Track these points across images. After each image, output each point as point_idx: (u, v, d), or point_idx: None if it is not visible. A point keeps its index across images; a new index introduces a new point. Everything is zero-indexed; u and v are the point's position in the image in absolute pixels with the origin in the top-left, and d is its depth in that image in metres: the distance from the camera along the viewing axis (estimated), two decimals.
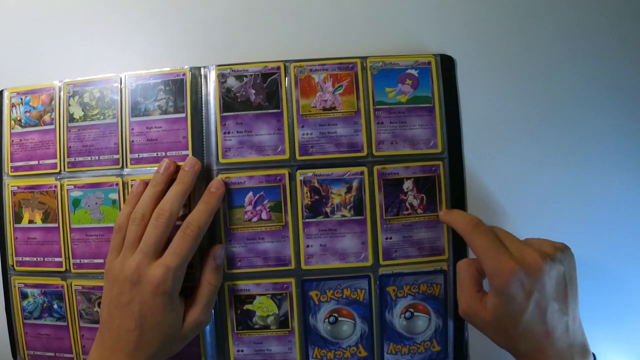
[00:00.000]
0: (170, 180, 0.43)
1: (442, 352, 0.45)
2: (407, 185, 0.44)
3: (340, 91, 0.45)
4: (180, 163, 0.43)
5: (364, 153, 0.44)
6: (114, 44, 0.47)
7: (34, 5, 0.48)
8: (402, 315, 0.45)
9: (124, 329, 0.39)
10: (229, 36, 0.46)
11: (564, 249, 0.39)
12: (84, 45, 0.47)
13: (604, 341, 0.47)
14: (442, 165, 0.45)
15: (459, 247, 0.45)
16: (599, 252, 0.47)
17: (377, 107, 0.45)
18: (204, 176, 0.44)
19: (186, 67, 0.45)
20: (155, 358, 0.40)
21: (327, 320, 0.45)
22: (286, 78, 0.45)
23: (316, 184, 0.44)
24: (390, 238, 0.44)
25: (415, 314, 0.45)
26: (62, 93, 0.46)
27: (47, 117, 0.46)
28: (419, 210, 0.45)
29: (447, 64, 0.46)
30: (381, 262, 0.44)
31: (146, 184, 0.43)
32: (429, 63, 0.45)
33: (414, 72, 0.45)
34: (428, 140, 0.45)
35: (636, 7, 0.47)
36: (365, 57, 0.45)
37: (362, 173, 0.44)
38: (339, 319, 0.45)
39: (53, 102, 0.46)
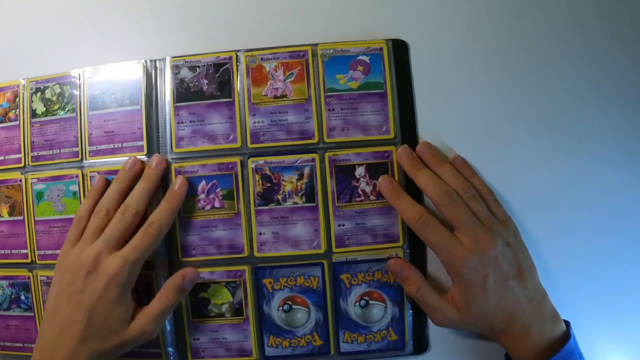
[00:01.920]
0: (136, 177, 0.43)
1: (399, 342, 0.45)
2: (359, 171, 0.44)
3: (291, 79, 0.45)
4: (138, 154, 0.44)
5: (315, 140, 0.44)
6: (73, 39, 0.48)
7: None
8: (357, 304, 0.44)
9: (70, 320, 0.39)
10: (183, 28, 0.47)
11: (509, 225, 0.43)
12: (45, 41, 0.48)
13: (604, 341, 0.46)
14: (395, 150, 0.44)
15: (414, 233, 0.44)
16: (599, 252, 0.46)
17: (328, 94, 0.45)
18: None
19: (141, 60, 0.46)
20: (97, 355, 0.39)
21: (281, 308, 0.44)
22: (238, 67, 0.45)
23: (267, 172, 0.44)
24: (343, 225, 0.44)
25: (371, 302, 0.44)
26: (25, 90, 0.48)
27: (11, 114, 0.48)
28: (372, 197, 0.44)
29: (400, 49, 0.45)
30: (334, 249, 0.44)
31: (106, 179, 0.44)
32: (381, 49, 0.45)
33: (366, 59, 0.45)
34: (380, 126, 0.44)
35: (634, 5, 0.46)
36: (316, 45, 0.45)
37: (313, 160, 0.44)
38: (293, 307, 0.44)
39: (17, 99, 0.48)
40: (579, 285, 0.46)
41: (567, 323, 0.42)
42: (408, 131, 0.45)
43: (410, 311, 0.45)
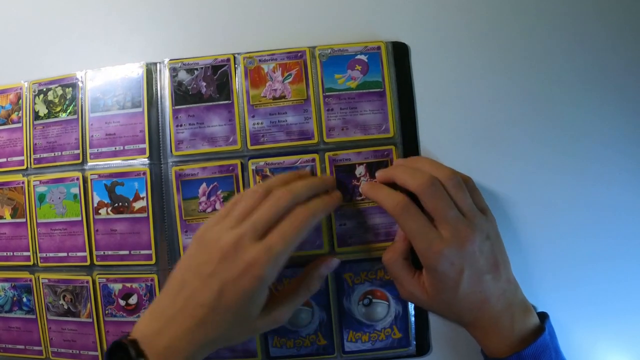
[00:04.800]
0: (319, 190, 0.40)
1: (403, 339, 0.45)
2: (360, 170, 0.44)
3: (290, 80, 0.45)
4: (140, 157, 0.45)
5: (315, 140, 0.45)
6: (75, 41, 0.48)
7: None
8: (361, 302, 0.45)
9: (194, 302, 0.35)
10: (182, 31, 0.47)
11: (489, 217, 0.41)
12: (48, 43, 0.49)
13: (604, 341, 0.46)
14: (395, 149, 0.44)
15: None
16: (598, 252, 0.46)
17: (327, 94, 0.45)
18: (161, 171, 0.45)
19: (142, 62, 0.46)
20: (214, 343, 0.36)
21: None
22: (236, 69, 0.45)
23: (268, 173, 0.45)
24: (345, 224, 0.44)
25: (374, 300, 0.45)
26: (27, 92, 0.48)
27: (14, 116, 0.48)
28: None
29: (400, 51, 0.45)
30: (336, 248, 0.44)
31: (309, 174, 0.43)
32: (379, 48, 0.45)
33: (364, 58, 0.45)
34: (379, 125, 0.45)
35: (632, 6, 0.46)
36: (314, 46, 0.45)
37: (313, 160, 0.44)
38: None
39: (20, 101, 0.48)
40: (578, 285, 0.46)
41: (544, 316, 0.41)
42: (408, 130, 0.45)
43: (413, 312, 0.45)
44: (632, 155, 0.46)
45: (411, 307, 0.45)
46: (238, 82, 0.45)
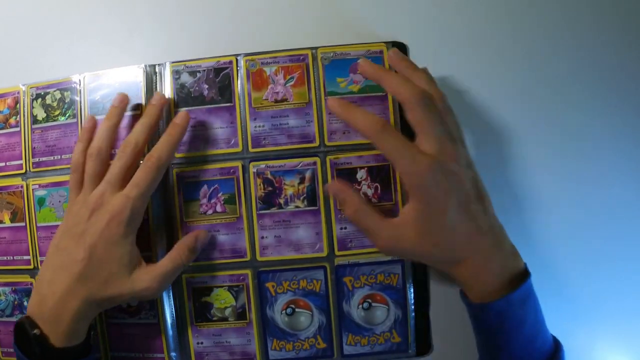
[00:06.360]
0: (124, 113, 0.43)
1: (402, 344, 0.45)
2: (361, 174, 0.44)
3: (292, 83, 0.45)
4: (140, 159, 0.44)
5: (316, 143, 0.44)
6: (73, 44, 0.48)
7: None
8: (360, 306, 0.45)
9: (71, 259, 0.38)
10: (183, 33, 0.47)
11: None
12: (45, 47, 0.48)
13: (604, 341, 0.46)
14: None
15: None
16: (599, 252, 0.46)
17: (329, 97, 0.45)
18: None
19: (141, 65, 0.46)
20: (98, 298, 0.38)
21: (284, 311, 0.45)
22: (238, 72, 0.45)
23: (269, 176, 0.44)
24: (345, 228, 0.44)
25: (373, 304, 0.45)
26: (25, 96, 0.48)
27: (12, 120, 0.48)
28: (374, 200, 0.44)
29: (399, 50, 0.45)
30: (336, 252, 0.44)
31: (95, 119, 0.44)
32: (381, 52, 0.45)
33: None
34: None
35: (630, 9, 0.46)
36: (316, 48, 0.45)
37: (314, 163, 0.44)
38: (296, 310, 0.45)
39: (18, 106, 0.48)
40: (578, 285, 0.46)
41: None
42: (409, 133, 0.45)
43: (413, 314, 0.45)
44: (632, 155, 0.46)
45: (411, 311, 0.45)
46: (240, 84, 0.45)
